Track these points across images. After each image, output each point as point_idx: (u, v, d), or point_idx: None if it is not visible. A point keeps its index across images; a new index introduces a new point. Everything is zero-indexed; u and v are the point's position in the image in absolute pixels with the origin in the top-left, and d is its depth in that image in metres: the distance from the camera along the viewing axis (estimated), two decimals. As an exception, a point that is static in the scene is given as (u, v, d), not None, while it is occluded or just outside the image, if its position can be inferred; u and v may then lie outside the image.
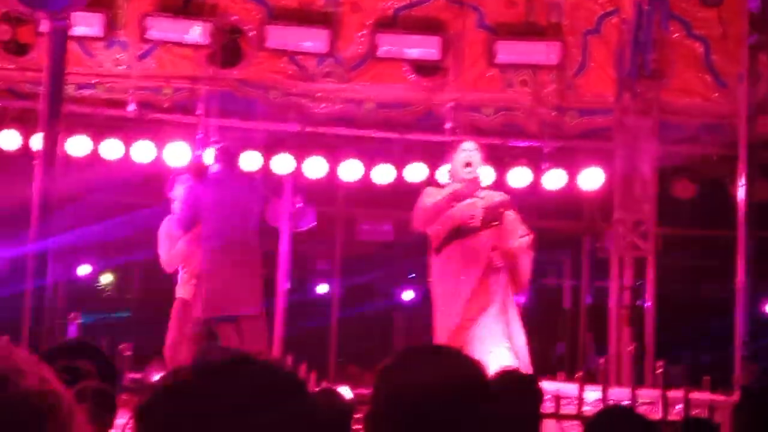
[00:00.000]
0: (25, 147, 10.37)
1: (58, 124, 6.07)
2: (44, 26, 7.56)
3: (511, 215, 7.87)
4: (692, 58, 10.62)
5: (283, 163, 10.65)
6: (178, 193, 9.16)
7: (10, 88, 10.75)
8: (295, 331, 12.14)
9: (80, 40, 10.27)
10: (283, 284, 11.26)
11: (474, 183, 7.96)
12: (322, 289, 12.99)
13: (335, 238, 12.44)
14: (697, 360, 12.12)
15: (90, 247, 12.82)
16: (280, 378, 1.54)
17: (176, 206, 9.07)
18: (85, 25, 9.85)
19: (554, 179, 10.53)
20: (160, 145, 10.41)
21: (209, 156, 9.82)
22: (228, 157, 9.44)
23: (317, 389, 6.14)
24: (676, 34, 10.57)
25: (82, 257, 13.03)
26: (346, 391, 6.84)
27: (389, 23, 10.66)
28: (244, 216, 9.22)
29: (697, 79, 10.63)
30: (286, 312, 11.29)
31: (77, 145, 10.36)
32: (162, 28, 10.40)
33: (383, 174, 10.72)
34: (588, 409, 7.69)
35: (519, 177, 10.59)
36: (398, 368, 2.14)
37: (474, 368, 2.17)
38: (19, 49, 10.65)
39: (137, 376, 7.94)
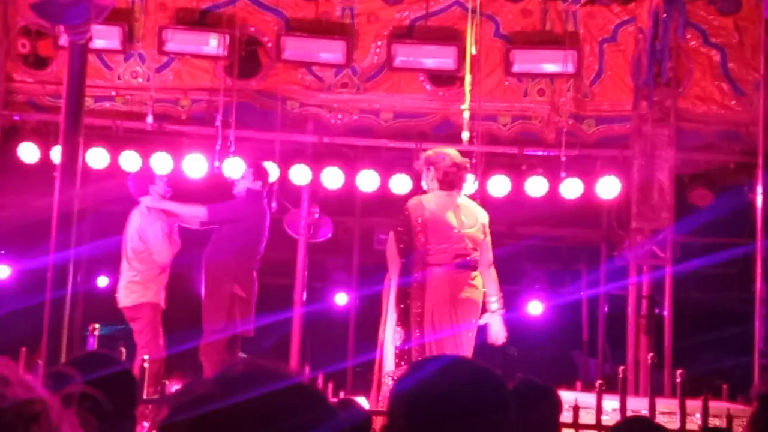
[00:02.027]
0: (45, 159, 10.44)
1: (78, 137, 6.11)
2: (64, 40, 7.62)
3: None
4: (709, 66, 10.61)
5: (300, 174, 10.68)
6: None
7: (30, 101, 10.82)
8: (313, 341, 12.17)
9: (99, 52, 10.35)
10: (300, 294, 11.28)
11: None
12: (340, 299, 13.00)
13: (352, 248, 12.46)
14: (715, 368, 12.08)
15: (109, 259, 12.88)
16: (301, 390, 1.55)
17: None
18: (103, 38, 9.91)
19: (571, 188, 10.51)
20: (178, 157, 10.45)
21: (235, 170, 9.85)
22: (265, 175, 9.49)
23: (335, 400, 6.15)
24: (693, 42, 10.57)
25: (100, 268, 13.09)
26: (364, 402, 6.85)
27: (405, 34, 10.69)
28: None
29: (714, 87, 10.61)
30: (304, 322, 11.31)
31: (96, 157, 10.42)
32: (179, 41, 10.45)
33: (400, 184, 10.74)
34: (606, 419, 7.67)
35: (536, 186, 10.58)
36: (415, 379, 2.15)
37: (492, 378, 2.17)
38: (39, 62, 10.73)
39: (156, 387, 7.96)
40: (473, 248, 7.23)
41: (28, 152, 10.59)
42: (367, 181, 10.79)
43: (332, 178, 10.74)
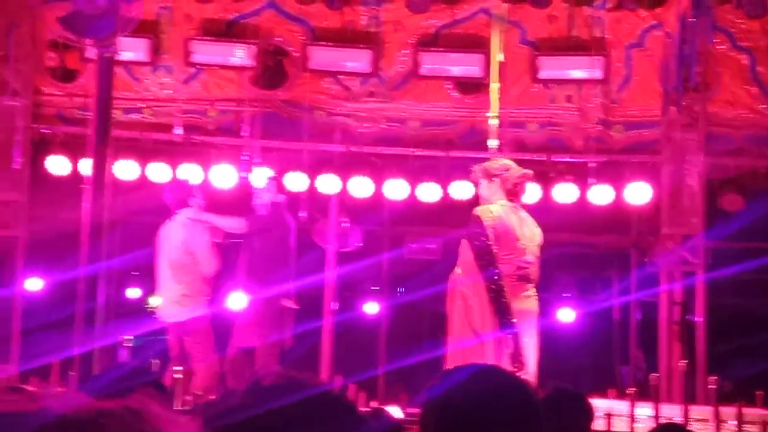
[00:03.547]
0: (74, 172, 10.49)
1: (107, 149, 6.14)
2: (91, 53, 7.66)
3: None
4: (738, 70, 10.54)
5: (328, 184, 10.69)
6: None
7: (59, 114, 10.89)
8: (344, 351, 12.15)
9: (126, 65, 10.40)
10: (330, 304, 11.28)
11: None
12: (370, 308, 12.98)
13: (382, 257, 12.44)
14: (749, 375, 11.95)
15: (138, 270, 12.92)
16: (331, 399, 1.54)
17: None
18: (130, 50, 9.95)
19: (601, 194, 10.46)
20: (206, 168, 10.48)
21: (260, 180, 9.84)
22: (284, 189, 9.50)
23: (367, 409, 6.14)
24: (721, 46, 10.50)
25: (130, 280, 13.14)
26: (395, 411, 6.83)
27: (431, 41, 10.68)
28: None
29: (743, 90, 10.53)
30: (334, 332, 11.30)
31: (125, 169, 10.46)
32: (206, 52, 10.48)
33: (429, 192, 10.72)
34: (640, 427, 7.61)
35: (565, 193, 10.53)
36: (446, 387, 2.13)
37: (524, 387, 2.16)
38: (67, 75, 10.80)
39: (188, 398, 7.97)
40: (533, 262, 7.24)
41: (57, 165, 10.66)
42: (396, 189, 10.78)
43: (360, 187, 10.74)
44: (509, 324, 7.08)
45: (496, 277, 7.09)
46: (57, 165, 10.66)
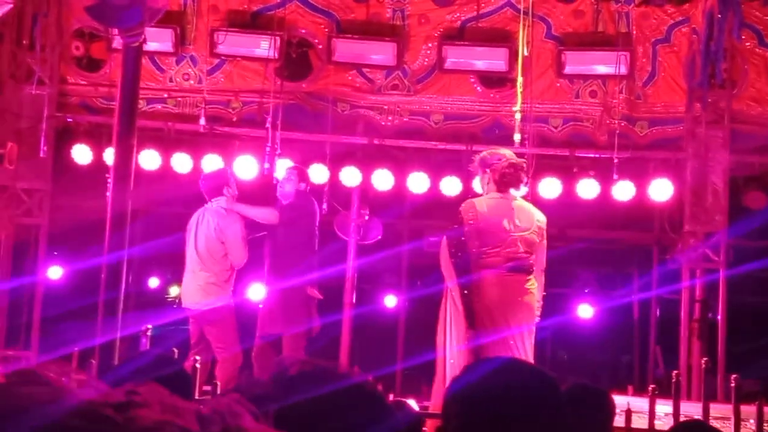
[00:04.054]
0: (98, 161, 10.53)
1: (132, 139, 6.15)
2: (117, 42, 7.68)
3: None
4: (764, 68, 10.48)
5: (350, 176, 10.69)
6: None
7: (83, 103, 10.93)
8: (362, 343, 12.16)
9: (151, 55, 10.42)
10: (349, 296, 11.29)
11: None
12: (389, 301, 12.99)
13: (402, 250, 12.44)
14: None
15: (159, 260, 12.97)
16: (359, 389, 1.54)
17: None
18: (155, 40, 9.97)
19: (624, 190, 10.42)
20: (228, 159, 10.49)
21: (283, 171, 9.81)
22: (307, 177, 9.45)
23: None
24: (748, 43, 10.44)
25: (151, 269, 13.19)
26: (412, 404, 6.82)
27: (456, 35, 10.66)
28: None
29: (769, 88, 10.48)
30: (353, 324, 11.31)
31: (148, 159, 10.50)
32: (231, 43, 10.49)
33: (450, 186, 10.71)
34: (660, 424, 7.59)
35: (588, 188, 10.50)
36: (469, 380, 2.13)
37: (546, 380, 2.15)
38: (93, 64, 10.85)
39: (208, 387, 7.99)
40: (527, 251, 7.08)
41: (81, 154, 10.70)
42: (418, 183, 10.78)
43: (382, 180, 10.75)
44: (472, 336, 6.98)
45: (463, 285, 7.02)
46: (81, 154, 10.70)
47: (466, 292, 7.01)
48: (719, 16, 10.06)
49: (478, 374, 2.16)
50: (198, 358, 8.00)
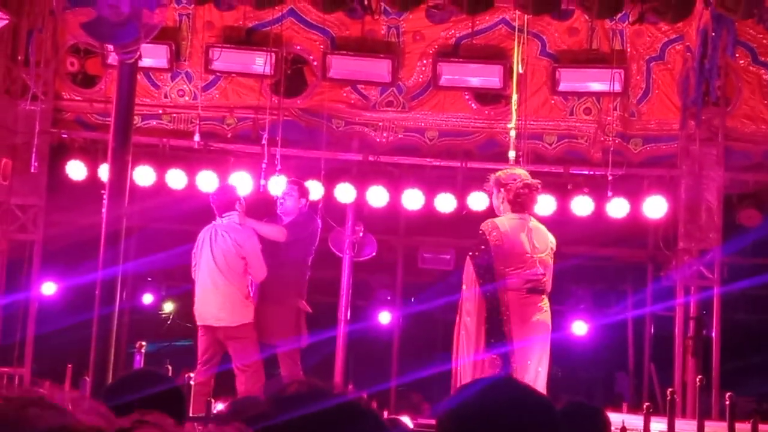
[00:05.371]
0: (92, 177, 10.52)
1: (127, 156, 6.14)
2: (112, 59, 7.69)
3: None
4: (758, 85, 10.51)
5: (345, 192, 10.69)
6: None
7: (78, 119, 10.94)
8: (356, 360, 12.14)
9: (146, 71, 10.43)
10: (344, 313, 11.27)
11: None
12: (384, 317, 12.98)
13: (396, 266, 12.44)
14: (765, 391, 11.90)
15: (153, 276, 12.95)
16: (354, 408, 1.54)
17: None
18: (150, 56, 9.95)
19: (618, 207, 10.42)
20: (223, 175, 10.48)
21: (279, 187, 9.77)
22: (307, 192, 9.39)
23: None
24: (742, 61, 10.47)
25: (145, 285, 13.17)
26: (407, 421, 6.81)
27: (451, 52, 10.69)
28: None
29: (763, 106, 10.51)
30: (347, 340, 11.29)
31: (142, 175, 10.48)
32: (226, 59, 10.51)
33: (445, 203, 10.71)
34: (654, 441, 7.58)
35: (582, 205, 10.51)
36: (463, 398, 2.13)
37: (539, 399, 2.15)
38: (88, 80, 10.86)
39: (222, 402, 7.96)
40: (543, 273, 7.12)
41: (76, 170, 10.69)
42: (412, 199, 10.78)
43: (377, 196, 10.75)
44: (497, 344, 6.97)
45: (490, 295, 7.01)
46: (76, 170, 10.69)
47: (491, 309, 7.00)
48: (713, 34, 10.11)
49: (473, 392, 2.15)
50: (191, 375, 7.95)
